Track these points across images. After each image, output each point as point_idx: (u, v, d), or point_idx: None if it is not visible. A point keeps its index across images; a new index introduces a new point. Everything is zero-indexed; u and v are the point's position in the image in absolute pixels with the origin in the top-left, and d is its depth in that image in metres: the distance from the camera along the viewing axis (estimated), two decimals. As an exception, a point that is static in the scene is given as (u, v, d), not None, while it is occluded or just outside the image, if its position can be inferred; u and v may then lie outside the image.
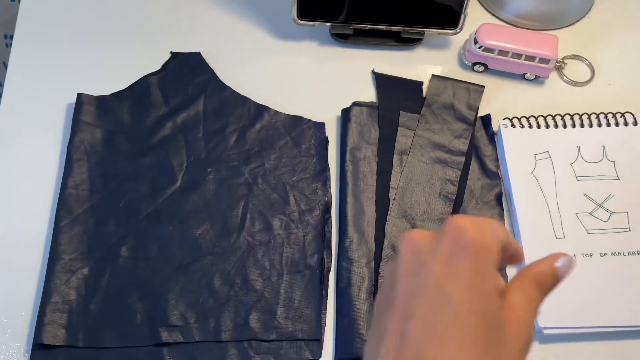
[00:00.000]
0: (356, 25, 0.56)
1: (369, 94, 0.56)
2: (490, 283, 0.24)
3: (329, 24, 0.56)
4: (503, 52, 0.55)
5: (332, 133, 0.54)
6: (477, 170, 0.52)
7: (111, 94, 0.54)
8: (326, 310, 0.46)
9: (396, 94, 0.55)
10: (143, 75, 0.55)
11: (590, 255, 0.47)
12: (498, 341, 0.23)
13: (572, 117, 0.53)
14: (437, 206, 0.49)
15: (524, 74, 0.57)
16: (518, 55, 0.54)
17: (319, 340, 0.45)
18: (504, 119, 0.53)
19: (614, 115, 0.53)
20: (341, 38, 0.58)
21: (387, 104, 0.55)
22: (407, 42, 0.58)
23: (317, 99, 0.56)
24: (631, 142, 0.52)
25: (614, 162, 0.51)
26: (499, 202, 0.51)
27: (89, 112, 0.52)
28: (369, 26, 0.57)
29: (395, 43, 0.58)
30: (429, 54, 0.58)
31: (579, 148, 0.51)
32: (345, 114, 0.54)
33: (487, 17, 0.61)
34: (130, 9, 0.60)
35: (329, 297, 0.47)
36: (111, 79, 0.55)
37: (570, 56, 0.58)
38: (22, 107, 0.54)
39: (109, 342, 0.44)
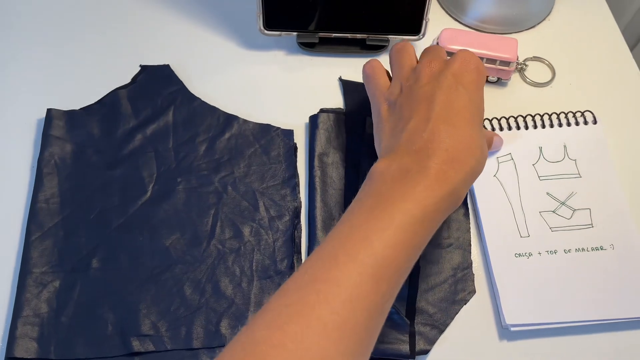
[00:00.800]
0: (322, 34, 0.58)
1: (337, 101, 0.57)
2: (482, 90, 0.42)
3: (295, 33, 0.58)
4: (465, 56, 0.56)
5: (301, 140, 0.55)
6: (443, 172, 0.53)
7: (81, 108, 0.55)
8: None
9: (363, 100, 0.56)
10: (113, 88, 0.56)
11: (555, 252, 0.48)
12: (480, 119, 0.42)
13: (533, 117, 0.54)
14: (404, 208, 0.50)
15: (486, 76, 0.58)
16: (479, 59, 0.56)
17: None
18: None
19: (574, 115, 0.55)
20: (308, 47, 0.59)
21: (354, 109, 0.56)
22: (373, 48, 0.59)
23: (285, 107, 0.57)
24: (591, 140, 0.53)
25: (575, 160, 0.52)
26: (464, 201, 0.52)
27: (58, 126, 0.53)
28: (334, 34, 0.58)
29: (361, 50, 0.59)
30: (394, 60, 0.60)
31: (540, 148, 0.53)
32: (313, 120, 0.55)
33: (450, 22, 0.62)
34: (99, 23, 0.60)
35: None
36: (81, 93, 0.55)
37: (531, 58, 0.60)
38: (-8, 123, 0.54)
39: (81, 353, 0.44)
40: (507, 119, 0.54)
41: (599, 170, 0.52)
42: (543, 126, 0.54)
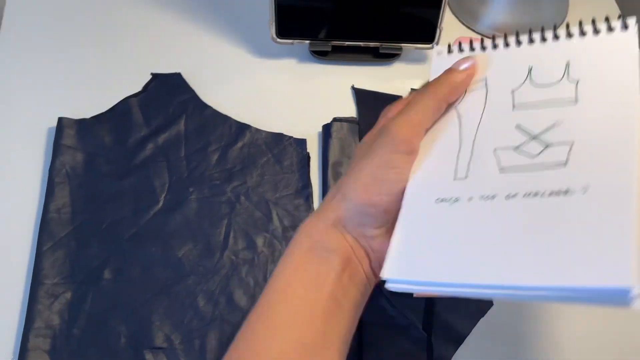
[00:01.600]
0: (334, 43, 0.57)
1: (349, 110, 0.57)
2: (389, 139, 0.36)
3: (307, 41, 0.57)
4: (479, 65, 0.55)
5: (313, 149, 0.54)
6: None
7: (92, 117, 0.54)
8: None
9: (376, 109, 0.55)
10: (124, 97, 0.55)
11: (492, 198, 0.35)
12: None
13: (530, 31, 0.40)
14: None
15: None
16: (494, 68, 0.55)
17: None
18: (442, 47, 0.42)
19: (593, 22, 0.39)
20: (320, 55, 0.59)
21: (367, 118, 0.55)
22: (385, 57, 0.58)
23: (298, 116, 0.56)
24: (613, 53, 0.38)
25: (577, 81, 0.38)
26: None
27: (69, 135, 0.53)
28: (347, 43, 0.57)
29: (374, 58, 0.59)
30: (407, 68, 0.59)
31: (530, 69, 0.39)
32: (326, 129, 0.54)
33: (463, 31, 0.62)
34: (111, 32, 0.60)
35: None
36: (92, 101, 0.55)
37: (545, 67, 0.59)
38: (3, 132, 0.54)
39: (93, 366, 0.43)
40: (493, 38, 0.40)
41: (610, 94, 0.36)
42: (543, 39, 0.39)
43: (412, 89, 0.57)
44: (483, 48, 0.40)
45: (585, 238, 0.30)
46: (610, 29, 0.38)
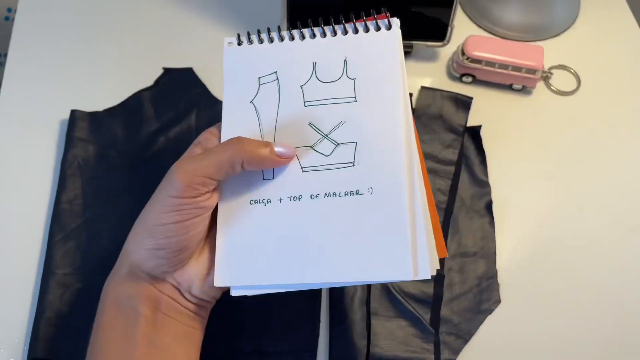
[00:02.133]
0: (346, 39, 0.57)
1: (360, 106, 0.57)
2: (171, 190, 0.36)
3: (318, 38, 0.57)
4: (490, 64, 0.56)
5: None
6: (467, 180, 0.53)
7: (104, 110, 0.54)
8: (320, 320, 0.47)
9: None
10: (136, 91, 0.56)
11: (299, 198, 0.37)
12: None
13: (310, 24, 0.42)
14: (428, 215, 0.50)
15: (511, 85, 0.58)
16: (505, 66, 0.55)
17: (313, 351, 0.45)
18: (232, 38, 0.42)
19: (364, 19, 0.41)
20: (331, 52, 0.59)
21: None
22: (396, 54, 0.58)
23: (308, 112, 0.56)
24: (380, 53, 0.40)
25: (354, 79, 0.40)
26: (489, 210, 0.51)
27: (82, 128, 0.53)
28: (358, 40, 0.57)
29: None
30: (418, 66, 0.59)
31: (314, 65, 0.40)
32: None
33: (474, 29, 0.62)
34: (123, 26, 0.60)
35: (322, 307, 0.47)
36: (104, 95, 0.55)
37: (556, 66, 0.59)
38: (16, 123, 0.54)
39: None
40: (279, 31, 0.42)
41: (380, 93, 0.39)
42: (323, 35, 0.41)
43: (422, 86, 0.57)
44: (270, 40, 0.41)
45: (376, 238, 0.36)
46: (378, 28, 0.40)
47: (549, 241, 0.51)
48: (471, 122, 0.56)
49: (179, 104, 0.55)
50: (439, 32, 0.57)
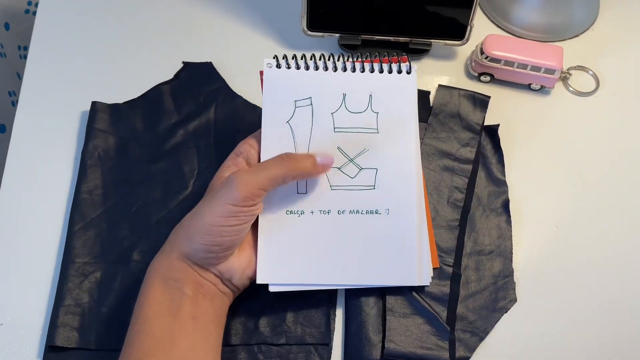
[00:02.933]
0: (364, 36, 0.58)
1: (377, 103, 0.57)
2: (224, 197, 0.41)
3: (337, 35, 0.58)
4: (509, 63, 0.56)
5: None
6: (484, 178, 0.53)
7: (124, 102, 0.55)
8: (335, 315, 0.47)
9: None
10: (156, 84, 0.56)
11: (328, 213, 0.45)
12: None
13: (340, 57, 0.47)
14: (445, 213, 0.50)
15: (529, 84, 0.57)
16: (524, 66, 0.55)
17: (328, 345, 0.45)
18: (270, 59, 0.46)
19: (389, 60, 0.47)
20: (349, 49, 0.59)
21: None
22: (415, 52, 0.59)
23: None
24: (400, 92, 0.47)
25: (377, 113, 0.46)
26: (505, 209, 0.51)
27: (102, 119, 0.54)
28: (377, 37, 0.58)
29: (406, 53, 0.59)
30: (436, 65, 0.59)
31: (344, 96, 0.46)
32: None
33: (492, 29, 0.62)
34: (144, 21, 0.61)
35: (337, 302, 0.47)
36: (125, 87, 0.56)
37: (575, 67, 0.59)
38: (37, 114, 0.55)
39: (120, 344, 0.44)
40: (314, 57, 0.47)
41: (398, 128, 0.46)
42: (353, 69, 0.46)
43: (439, 85, 0.57)
44: (307, 67, 0.46)
45: (390, 250, 0.45)
46: (399, 71, 0.47)
47: (566, 241, 0.51)
48: (488, 121, 0.55)
49: (198, 98, 0.56)
50: (457, 31, 0.57)
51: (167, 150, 0.53)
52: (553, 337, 0.47)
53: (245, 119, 0.55)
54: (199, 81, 0.57)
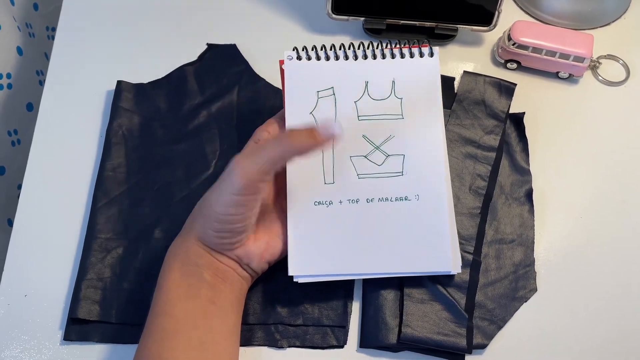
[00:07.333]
0: (389, 21, 0.57)
1: (401, 89, 0.57)
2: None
3: (362, 18, 0.57)
4: (537, 50, 0.54)
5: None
6: (507, 167, 0.52)
7: (149, 82, 0.56)
8: (352, 298, 0.47)
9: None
10: (180, 65, 0.56)
11: (357, 202, 0.44)
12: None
13: (360, 46, 0.47)
14: (466, 200, 0.50)
15: (557, 72, 0.56)
16: (552, 53, 0.54)
17: (344, 327, 0.46)
18: (291, 51, 0.47)
19: (409, 45, 0.47)
20: (374, 33, 0.58)
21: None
22: (440, 37, 0.58)
23: (348, 92, 0.56)
24: (423, 76, 0.46)
25: (401, 99, 0.46)
26: (529, 198, 0.51)
27: (127, 98, 0.54)
28: (402, 21, 0.57)
29: (429, 39, 0.58)
30: (462, 50, 0.59)
31: (366, 84, 0.46)
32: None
33: (520, 15, 0.60)
34: (169, 2, 0.61)
35: (355, 286, 0.47)
36: (149, 68, 0.56)
37: (605, 56, 0.58)
38: (64, 93, 0.56)
39: (140, 319, 0.45)
40: (334, 48, 0.47)
41: (424, 113, 0.45)
42: (374, 57, 0.46)
43: (465, 71, 0.56)
44: (327, 58, 0.46)
45: (422, 237, 0.44)
46: (421, 54, 0.46)
47: (589, 233, 0.50)
48: (514, 109, 0.55)
49: (222, 80, 0.56)
50: (485, 16, 0.56)
51: (189, 130, 0.53)
52: (572, 328, 0.46)
53: (267, 102, 0.55)
54: (222, 63, 0.57)
